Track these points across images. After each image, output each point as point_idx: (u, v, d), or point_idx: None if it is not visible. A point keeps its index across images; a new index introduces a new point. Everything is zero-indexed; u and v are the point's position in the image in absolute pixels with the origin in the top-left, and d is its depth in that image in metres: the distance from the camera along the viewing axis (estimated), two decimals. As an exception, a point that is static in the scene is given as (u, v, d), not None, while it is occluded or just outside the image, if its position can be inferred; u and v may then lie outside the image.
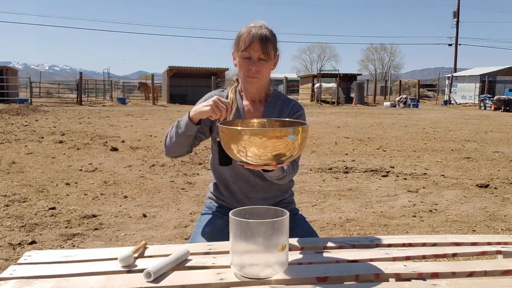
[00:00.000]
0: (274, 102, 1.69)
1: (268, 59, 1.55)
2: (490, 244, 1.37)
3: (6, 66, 25.05)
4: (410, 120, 14.62)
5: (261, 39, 1.52)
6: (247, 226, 1.05)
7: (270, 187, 1.67)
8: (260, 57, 1.54)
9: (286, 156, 1.18)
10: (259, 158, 1.17)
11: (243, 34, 1.55)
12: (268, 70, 1.59)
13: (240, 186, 1.66)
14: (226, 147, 1.22)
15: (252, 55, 1.54)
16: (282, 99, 1.71)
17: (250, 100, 1.69)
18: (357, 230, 3.52)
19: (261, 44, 1.52)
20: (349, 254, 1.27)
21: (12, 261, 2.81)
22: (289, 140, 1.15)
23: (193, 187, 4.83)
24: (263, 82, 1.62)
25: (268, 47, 1.53)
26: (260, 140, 1.13)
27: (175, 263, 1.17)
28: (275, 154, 1.16)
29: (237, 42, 1.58)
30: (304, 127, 1.19)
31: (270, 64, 1.59)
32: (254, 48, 1.52)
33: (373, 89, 31.95)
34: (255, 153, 1.16)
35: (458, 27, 40.77)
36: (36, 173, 5.41)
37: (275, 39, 1.59)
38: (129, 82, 42.92)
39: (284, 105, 1.68)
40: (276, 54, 1.62)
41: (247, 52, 1.53)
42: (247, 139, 1.13)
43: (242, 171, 1.64)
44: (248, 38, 1.52)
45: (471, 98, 28.40)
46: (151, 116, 15.25)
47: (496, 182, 5.28)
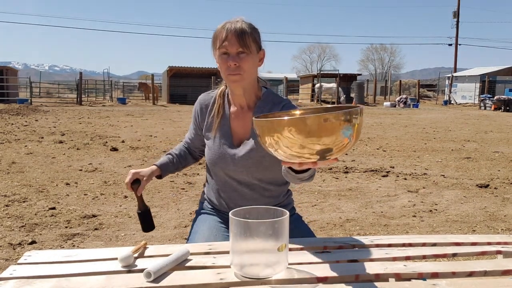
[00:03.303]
0: (263, 106, 1.54)
1: (248, 51, 1.42)
2: (490, 244, 1.37)
3: (6, 66, 25.05)
4: (410, 120, 14.62)
5: (236, 32, 1.40)
6: (247, 226, 1.05)
7: (260, 195, 1.57)
8: (239, 50, 1.41)
9: (333, 151, 1.00)
10: (305, 153, 1.00)
11: (218, 31, 1.44)
12: (250, 64, 1.44)
13: (228, 195, 1.59)
14: (273, 145, 1.02)
15: (229, 50, 1.41)
16: (272, 101, 1.55)
17: (238, 106, 1.56)
18: (357, 230, 3.52)
19: (238, 37, 1.40)
20: (349, 254, 1.27)
21: (12, 261, 2.81)
22: (344, 131, 0.98)
23: (193, 187, 4.83)
24: (248, 80, 1.47)
25: (245, 39, 1.41)
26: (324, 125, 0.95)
27: (175, 263, 1.17)
28: (323, 148, 0.99)
29: (214, 41, 1.46)
30: (357, 111, 1.02)
31: (252, 58, 1.44)
32: (230, 41, 1.40)
33: (373, 89, 31.95)
34: (307, 144, 0.98)
35: (458, 27, 40.80)
36: (36, 173, 5.41)
37: (255, 32, 1.46)
38: (129, 82, 42.92)
39: (273, 108, 1.53)
40: (260, 49, 1.49)
41: (223, 48, 1.42)
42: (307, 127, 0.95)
43: (229, 180, 1.57)
44: (223, 33, 1.41)
45: (471, 98, 28.40)
46: (151, 116, 15.25)
47: (496, 182, 5.28)
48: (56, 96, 28.00)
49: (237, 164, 1.53)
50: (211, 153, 1.57)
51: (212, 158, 1.57)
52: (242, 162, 1.52)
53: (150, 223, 1.54)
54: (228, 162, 1.54)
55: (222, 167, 1.56)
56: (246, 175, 1.54)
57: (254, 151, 1.51)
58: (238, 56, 1.42)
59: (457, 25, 40.83)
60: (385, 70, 78.45)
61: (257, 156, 1.51)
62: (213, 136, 1.58)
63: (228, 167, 1.55)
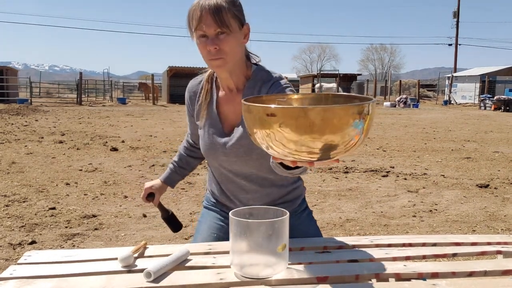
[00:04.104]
0: (253, 87, 1.38)
1: (228, 31, 1.24)
2: (490, 244, 1.37)
3: (6, 66, 25.04)
4: (410, 120, 14.62)
5: (211, 9, 1.22)
6: (247, 226, 1.05)
7: (260, 186, 1.44)
8: (217, 31, 1.23)
9: (339, 147, 0.87)
10: (307, 149, 0.86)
11: (192, 9, 1.26)
12: (233, 44, 1.27)
13: (227, 187, 1.48)
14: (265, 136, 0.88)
15: (206, 32, 1.24)
16: (261, 79, 1.39)
17: (227, 89, 1.41)
18: (357, 230, 3.52)
19: (214, 15, 1.22)
20: (349, 254, 1.27)
21: (12, 261, 2.81)
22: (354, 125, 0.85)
23: (193, 187, 4.83)
24: (232, 61, 1.30)
25: (223, 16, 1.22)
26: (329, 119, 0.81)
27: (175, 263, 1.17)
28: (329, 143, 0.85)
29: (189, 21, 1.28)
30: (372, 105, 0.87)
31: (235, 37, 1.27)
32: (206, 22, 1.22)
33: (373, 89, 31.97)
34: (305, 141, 0.85)
35: (458, 27, 40.81)
36: (36, 173, 5.41)
37: (234, 5, 1.27)
38: (129, 82, 42.91)
39: (262, 88, 1.37)
40: (243, 24, 1.30)
41: (200, 29, 1.24)
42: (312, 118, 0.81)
43: (225, 172, 1.45)
44: (197, 11, 1.23)
45: (471, 98, 28.39)
46: (151, 116, 15.25)
47: (496, 182, 5.28)
48: (56, 96, 28.00)
49: (228, 154, 1.39)
50: (203, 144, 1.46)
51: (203, 149, 1.46)
52: (233, 151, 1.38)
53: (177, 224, 1.70)
54: (219, 152, 1.41)
55: (214, 158, 1.44)
56: (240, 165, 1.41)
57: (244, 138, 1.35)
58: (218, 38, 1.24)
59: (457, 25, 40.85)
60: (385, 70, 78.48)
61: (248, 143, 1.35)
62: (203, 125, 1.46)
63: (220, 157, 1.42)
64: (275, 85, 1.35)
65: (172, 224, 1.69)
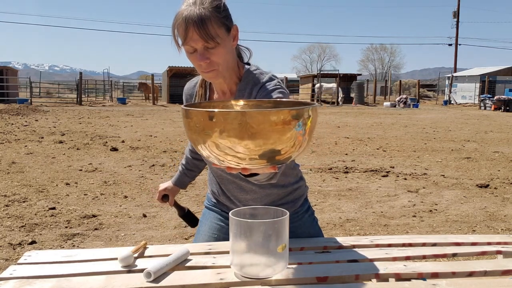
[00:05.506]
0: (243, 89, 1.35)
1: (216, 43, 1.21)
2: (490, 244, 1.37)
3: (6, 66, 25.04)
4: (410, 120, 14.62)
5: (196, 23, 1.17)
6: (247, 226, 1.05)
7: (259, 187, 1.43)
8: (205, 45, 1.21)
9: (283, 153, 0.88)
10: (249, 157, 0.87)
11: (177, 21, 1.21)
12: (223, 54, 1.24)
13: (227, 187, 1.48)
14: (196, 138, 0.90)
15: (195, 47, 1.22)
16: (252, 81, 1.35)
17: (220, 92, 1.40)
18: (357, 230, 3.52)
19: (200, 30, 1.18)
20: (349, 254, 1.27)
21: (12, 261, 2.81)
22: (295, 131, 0.85)
23: (193, 187, 4.83)
24: (225, 69, 1.29)
25: (209, 29, 1.18)
26: (259, 127, 0.82)
27: (175, 263, 1.17)
28: (271, 150, 0.86)
29: (174, 35, 1.25)
30: (313, 109, 0.88)
31: (224, 47, 1.24)
32: (193, 37, 1.19)
33: (373, 89, 31.95)
34: (249, 148, 0.84)
35: (458, 27, 40.80)
36: (36, 173, 5.41)
37: (219, 11, 1.22)
38: (129, 82, 42.92)
39: (252, 91, 1.34)
40: (230, 27, 1.26)
41: (188, 45, 1.22)
42: (236, 127, 0.82)
43: (223, 173, 1.45)
44: (182, 25, 1.19)
45: (471, 98, 28.39)
46: (151, 116, 15.25)
47: (496, 182, 5.28)
48: (56, 96, 27.99)
49: None
50: None
51: None
52: None
53: (194, 219, 1.77)
54: None
55: (209, 161, 1.43)
56: None
57: None
58: (207, 51, 1.22)
59: (457, 25, 40.84)
60: (385, 70, 78.44)
61: None
62: None
63: None
64: (262, 89, 1.33)
65: (190, 221, 1.76)
